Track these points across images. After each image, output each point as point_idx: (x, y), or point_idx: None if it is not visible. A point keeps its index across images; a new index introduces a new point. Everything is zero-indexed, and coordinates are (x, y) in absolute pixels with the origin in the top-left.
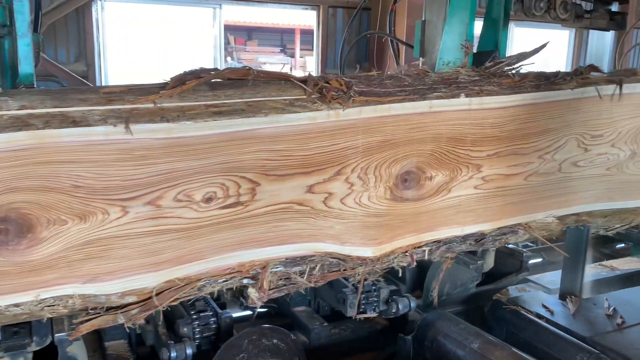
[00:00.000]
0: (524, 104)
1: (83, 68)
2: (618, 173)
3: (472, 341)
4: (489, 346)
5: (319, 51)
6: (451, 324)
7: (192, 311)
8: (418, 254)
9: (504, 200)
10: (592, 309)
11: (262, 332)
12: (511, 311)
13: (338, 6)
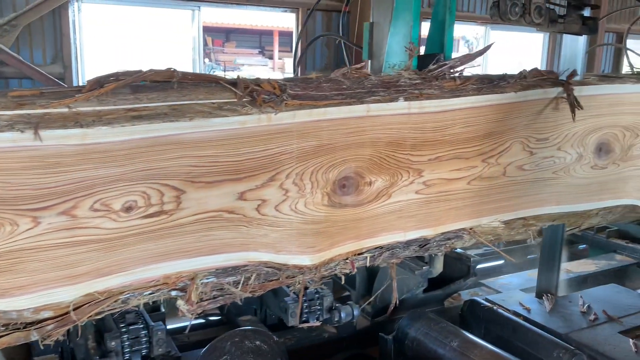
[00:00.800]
0: (465, 108)
1: (60, 70)
2: (565, 176)
3: (451, 340)
4: (468, 344)
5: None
6: (431, 323)
7: (121, 324)
8: (359, 260)
9: (447, 205)
10: (567, 307)
11: (244, 334)
12: (489, 309)
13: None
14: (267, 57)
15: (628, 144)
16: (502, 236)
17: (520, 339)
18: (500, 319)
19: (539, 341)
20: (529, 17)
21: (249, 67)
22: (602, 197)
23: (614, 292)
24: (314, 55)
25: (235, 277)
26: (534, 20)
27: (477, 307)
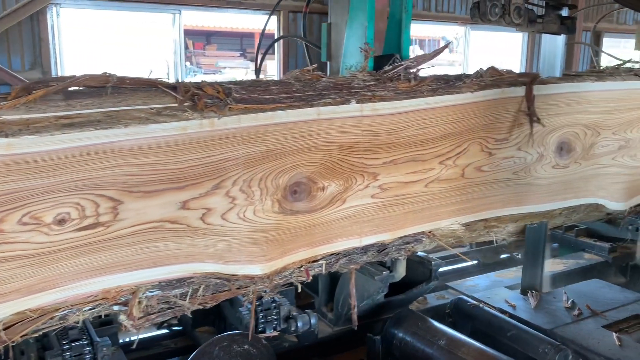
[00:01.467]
0: (419, 109)
1: (39, 75)
2: (526, 176)
3: (439, 338)
4: (456, 343)
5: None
6: (418, 322)
7: (64, 341)
8: (315, 268)
9: (404, 209)
10: (552, 302)
11: (232, 338)
12: (475, 307)
13: (298, 11)
14: (249, 60)
15: (589, 142)
16: (463, 238)
17: (506, 335)
18: (486, 316)
19: (524, 337)
20: (508, 18)
21: (230, 70)
22: (565, 196)
23: (596, 287)
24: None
25: (182, 289)
26: (513, 20)
27: (464, 305)
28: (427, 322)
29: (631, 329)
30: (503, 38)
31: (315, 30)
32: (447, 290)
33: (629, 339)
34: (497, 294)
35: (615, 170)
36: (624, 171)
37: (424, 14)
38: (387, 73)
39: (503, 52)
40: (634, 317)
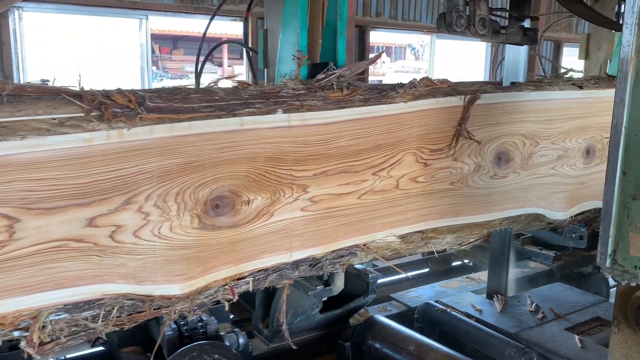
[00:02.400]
0: (351, 119)
1: None
2: (463, 187)
3: (408, 344)
4: (424, 348)
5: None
6: (387, 329)
7: None
8: (241, 285)
9: (336, 222)
10: (516, 306)
11: (202, 348)
12: (442, 312)
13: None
14: (216, 65)
15: (528, 152)
16: (400, 250)
17: (473, 340)
18: (453, 321)
19: (490, 341)
20: (473, 29)
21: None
22: (504, 206)
23: (559, 291)
24: None
25: (92, 311)
26: (478, 31)
27: (431, 310)
28: (396, 328)
29: (592, 331)
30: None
31: None
32: (390, 302)
33: (590, 341)
34: (463, 299)
35: (555, 180)
36: (564, 180)
37: (391, 22)
38: (319, 82)
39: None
40: (594, 319)
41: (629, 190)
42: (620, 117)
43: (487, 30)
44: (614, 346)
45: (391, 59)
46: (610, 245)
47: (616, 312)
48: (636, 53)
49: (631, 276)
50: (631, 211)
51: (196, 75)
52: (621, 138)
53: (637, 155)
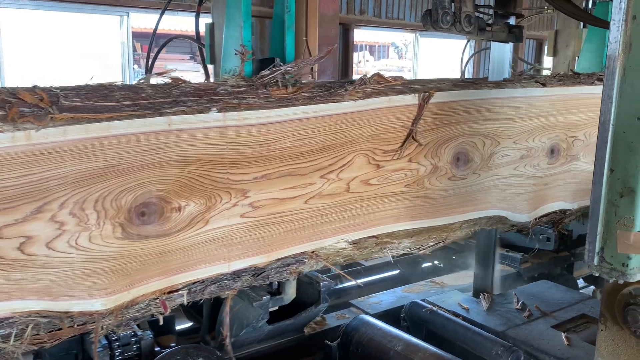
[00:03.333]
0: (295, 119)
1: None
2: (419, 189)
3: (395, 344)
4: (412, 347)
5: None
6: (374, 329)
7: None
8: (175, 298)
9: (281, 228)
10: (503, 304)
11: (187, 352)
12: (429, 311)
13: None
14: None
15: (489, 152)
16: (354, 257)
17: (460, 339)
18: (440, 320)
19: (478, 340)
20: (459, 26)
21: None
22: (464, 209)
23: (545, 288)
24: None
25: (2, 330)
26: (464, 28)
27: (418, 309)
28: (383, 328)
29: (578, 328)
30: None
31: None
32: (349, 309)
33: (576, 338)
34: (450, 297)
35: (518, 181)
36: (527, 181)
37: (374, 20)
38: (263, 78)
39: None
40: (580, 316)
41: (617, 187)
42: (608, 114)
43: (472, 27)
44: (601, 343)
45: (375, 57)
46: (598, 243)
47: (603, 310)
48: (623, 50)
49: (619, 273)
50: (619, 208)
51: (147, 71)
52: (609, 135)
53: (624, 152)
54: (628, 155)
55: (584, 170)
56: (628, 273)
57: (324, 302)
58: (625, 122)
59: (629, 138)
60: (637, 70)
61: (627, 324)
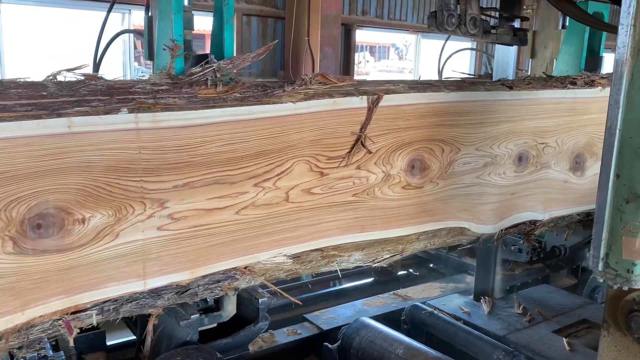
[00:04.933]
0: (223, 121)
1: None
2: (370, 199)
3: (396, 347)
4: (413, 351)
5: None
6: (375, 332)
7: None
8: (82, 319)
9: (207, 242)
10: (504, 308)
11: (187, 353)
12: (430, 314)
13: (252, 14)
14: None
15: (448, 159)
16: (297, 271)
17: (461, 342)
18: (441, 323)
19: (479, 344)
20: (464, 28)
21: None
22: (420, 220)
23: (546, 293)
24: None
25: None
26: (469, 30)
27: (419, 313)
28: (384, 331)
29: (580, 333)
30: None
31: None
32: (302, 324)
33: (578, 344)
34: (451, 301)
35: (481, 190)
36: (492, 190)
37: (377, 21)
38: (192, 76)
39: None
40: (582, 321)
41: (622, 193)
42: (615, 120)
43: (477, 29)
44: (604, 349)
45: (375, 58)
46: (603, 249)
47: (606, 316)
48: (631, 55)
49: (623, 280)
50: (624, 214)
51: (94, 67)
52: (615, 140)
53: (630, 158)
54: (634, 161)
55: (556, 179)
56: (633, 279)
57: (263, 319)
58: (633, 128)
59: (636, 144)
60: None
61: (631, 331)
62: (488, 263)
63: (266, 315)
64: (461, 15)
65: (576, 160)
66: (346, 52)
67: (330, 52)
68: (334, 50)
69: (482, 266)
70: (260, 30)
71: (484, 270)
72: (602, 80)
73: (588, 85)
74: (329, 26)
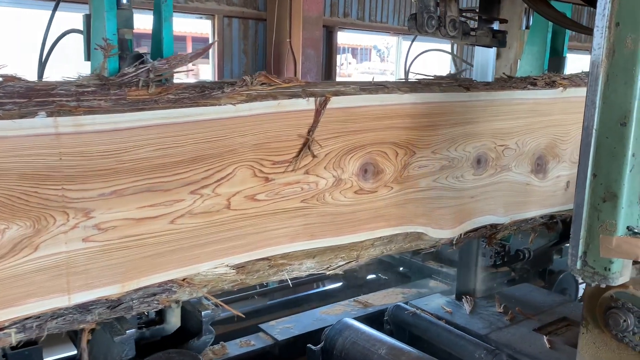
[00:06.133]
0: (154, 125)
1: None
2: (319, 205)
3: (379, 347)
4: (396, 351)
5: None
6: (358, 332)
7: None
8: (1, 337)
9: (139, 253)
10: (485, 307)
11: (168, 357)
12: (412, 314)
13: (233, 16)
14: None
15: (403, 162)
16: (244, 281)
17: (444, 342)
18: (423, 323)
19: (461, 344)
20: (444, 30)
21: None
22: (374, 225)
23: (527, 291)
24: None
25: None
26: (449, 32)
27: (402, 313)
28: (367, 332)
29: (560, 331)
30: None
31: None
32: (256, 335)
33: (558, 341)
34: (433, 300)
35: (438, 194)
36: (450, 194)
37: (358, 23)
38: (124, 77)
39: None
40: (562, 319)
41: (600, 192)
42: (592, 120)
43: (457, 31)
44: (583, 347)
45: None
46: (581, 247)
47: (585, 313)
48: (607, 56)
49: (601, 277)
50: (601, 213)
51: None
52: (592, 140)
53: (607, 158)
54: (611, 160)
55: (517, 182)
56: (610, 277)
57: (206, 333)
58: (608, 128)
59: (611, 143)
60: (620, 77)
61: (609, 328)
62: (469, 262)
63: (210, 329)
64: (441, 17)
65: (538, 162)
66: (328, 54)
67: (312, 53)
68: (315, 52)
69: (464, 265)
70: (241, 32)
71: (465, 270)
72: (563, 80)
73: (549, 85)
74: (310, 28)
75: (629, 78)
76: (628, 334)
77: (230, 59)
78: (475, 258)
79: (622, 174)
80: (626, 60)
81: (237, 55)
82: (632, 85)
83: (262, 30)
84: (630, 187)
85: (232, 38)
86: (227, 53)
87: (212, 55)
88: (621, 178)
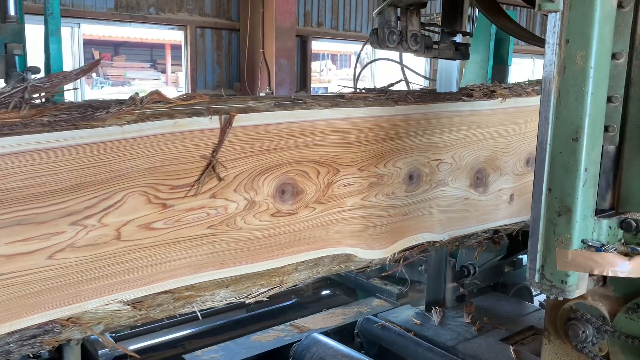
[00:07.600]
0: (24, 151)
1: None
2: (230, 230)
3: None
4: None
5: (188, 72)
6: (326, 348)
7: None
8: None
9: (12, 293)
10: (454, 318)
11: None
12: (382, 327)
13: (206, 27)
14: (160, 71)
15: (326, 181)
16: (146, 316)
17: (412, 354)
18: (392, 336)
19: (428, 356)
20: (406, 44)
21: (140, 82)
22: (296, 249)
23: (495, 301)
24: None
25: None
26: (410, 47)
27: (371, 326)
28: (334, 347)
29: (526, 340)
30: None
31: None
32: None
33: (524, 351)
34: (402, 312)
35: (367, 213)
36: (380, 212)
37: (332, 32)
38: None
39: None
40: (528, 328)
41: (555, 206)
42: (545, 135)
43: (419, 45)
44: (545, 357)
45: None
46: (539, 261)
47: (547, 324)
48: (558, 72)
49: (558, 290)
50: (557, 227)
51: None
52: (546, 155)
53: (561, 172)
54: (564, 175)
55: (455, 197)
56: (567, 290)
57: None
58: (561, 143)
59: (565, 158)
60: (571, 93)
61: (569, 338)
62: (438, 273)
63: None
64: (402, 32)
65: (477, 176)
66: (302, 63)
67: (285, 63)
68: (289, 62)
69: (433, 276)
70: (214, 42)
71: (434, 281)
72: (503, 90)
73: (487, 96)
74: (283, 38)
75: (580, 94)
76: (587, 345)
77: (203, 69)
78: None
79: (575, 188)
80: (576, 76)
81: (211, 65)
82: (582, 101)
83: (235, 41)
84: (584, 201)
85: (205, 48)
86: (200, 63)
87: (185, 66)
88: (575, 192)
